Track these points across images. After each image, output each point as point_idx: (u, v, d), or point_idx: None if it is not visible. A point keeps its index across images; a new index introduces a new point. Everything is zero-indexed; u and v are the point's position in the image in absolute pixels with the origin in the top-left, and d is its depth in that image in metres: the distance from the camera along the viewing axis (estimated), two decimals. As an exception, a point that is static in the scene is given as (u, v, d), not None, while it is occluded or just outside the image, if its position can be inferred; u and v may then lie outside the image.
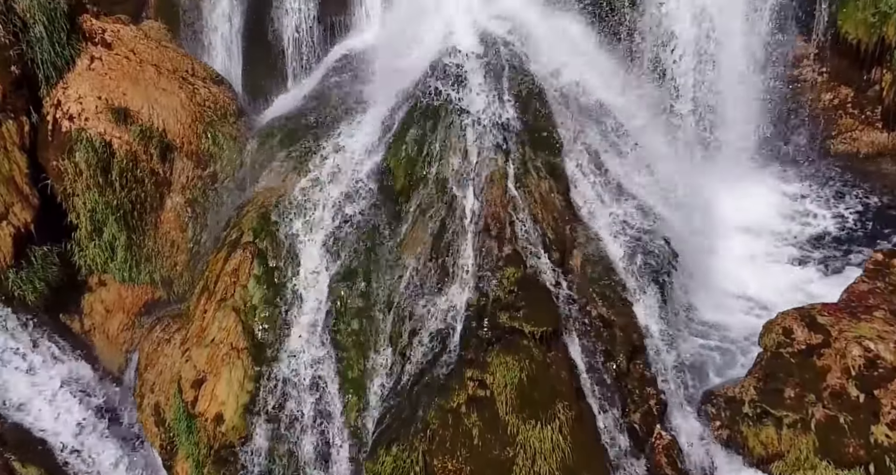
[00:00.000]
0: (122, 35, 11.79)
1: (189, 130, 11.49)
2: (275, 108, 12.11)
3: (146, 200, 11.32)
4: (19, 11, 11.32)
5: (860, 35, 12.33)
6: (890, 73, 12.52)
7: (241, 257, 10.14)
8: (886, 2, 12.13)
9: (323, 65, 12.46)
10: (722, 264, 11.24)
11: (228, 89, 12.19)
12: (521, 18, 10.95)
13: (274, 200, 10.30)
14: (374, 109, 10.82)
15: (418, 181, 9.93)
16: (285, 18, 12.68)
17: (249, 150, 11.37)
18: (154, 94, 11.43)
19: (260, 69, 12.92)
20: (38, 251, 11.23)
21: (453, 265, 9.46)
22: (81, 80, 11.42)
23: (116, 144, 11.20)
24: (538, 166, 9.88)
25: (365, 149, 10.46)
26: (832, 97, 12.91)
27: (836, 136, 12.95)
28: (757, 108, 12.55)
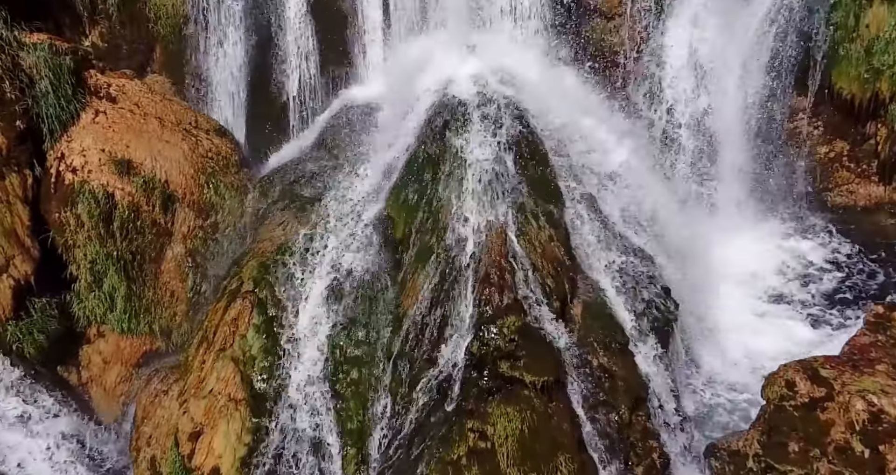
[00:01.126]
0: (126, 89, 11.96)
1: (191, 181, 11.57)
2: (277, 158, 12.23)
3: (147, 251, 11.33)
4: (26, 68, 11.48)
5: (854, 90, 12.55)
6: (885, 127, 12.71)
7: (240, 306, 10.10)
8: (879, 59, 12.38)
9: (324, 116, 12.58)
10: (723, 314, 11.25)
11: (231, 140, 12.31)
12: (521, 70, 11.06)
13: (274, 249, 10.31)
14: (375, 159, 10.92)
15: (418, 229, 9.96)
16: (288, 72, 12.87)
17: (251, 200, 11.44)
18: (157, 146, 11.55)
19: (262, 120, 13.04)
20: (37, 303, 11.17)
21: (453, 314, 9.41)
22: (85, 133, 11.53)
23: (119, 195, 11.25)
24: (537, 215, 9.91)
25: (365, 198, 10.52)
26: (828, 150, 13.07)
27: (834, 189, 13.07)
28: (754, 159, 12.71)
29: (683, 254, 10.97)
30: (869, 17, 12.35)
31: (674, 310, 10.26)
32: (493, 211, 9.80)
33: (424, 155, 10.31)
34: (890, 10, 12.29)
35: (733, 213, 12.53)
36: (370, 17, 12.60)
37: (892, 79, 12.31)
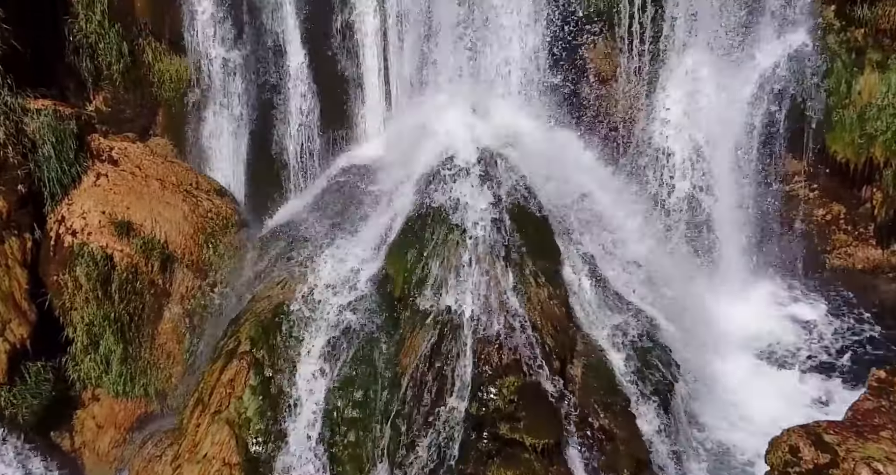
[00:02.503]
0: (129, 152, 12.12)
1: (191, 241, 11.62)
2: (277, 218, 12.22)
3: (144, 312, 11.32)
4: (29, 133, 11.64)
5: (849, 155, 12.68)
6: (880, 192, 12.81)
7: (237, 367, 9.99)
8: (872, 125, 12.53)
9: (324, 176, 12.70)
10: (723, 376, 11.12)
11: (231, 201, 12.43)
12: (520, 133, 11.25)
13: (272, 309, 10.25)
14: (374, 218, 10.95)
15: (417, 288, 9.89)
16: (288, 133, 13.02)
17: (250, 260, 11.46)
18: (157, 208, 11.63)
19: (263, 180, 13.15)
20: (32, 367, 11.09)
21: (452, 373, 9.31)
22: (87, 196, 11.63)
23: (118, 257, 11.29)
24: (536, 273, 9.91)
25: (364, 256, 10.49)
26: (825, 213, 13.11)
27: (832, 251, 13.07)
28: (752, 221, 12.73)
29: (683, 314, 10.89)
30: (861, 85, 12.55)
31: (675, 371, 10.16)
32: (492, 269, 9.78)
33: (423, 214, 10.32)
34: (882, 79, 12.52)
35: (732, 274, 12.49)
36: (370, 79, 12.84)
37: (886, 144, 12.46)
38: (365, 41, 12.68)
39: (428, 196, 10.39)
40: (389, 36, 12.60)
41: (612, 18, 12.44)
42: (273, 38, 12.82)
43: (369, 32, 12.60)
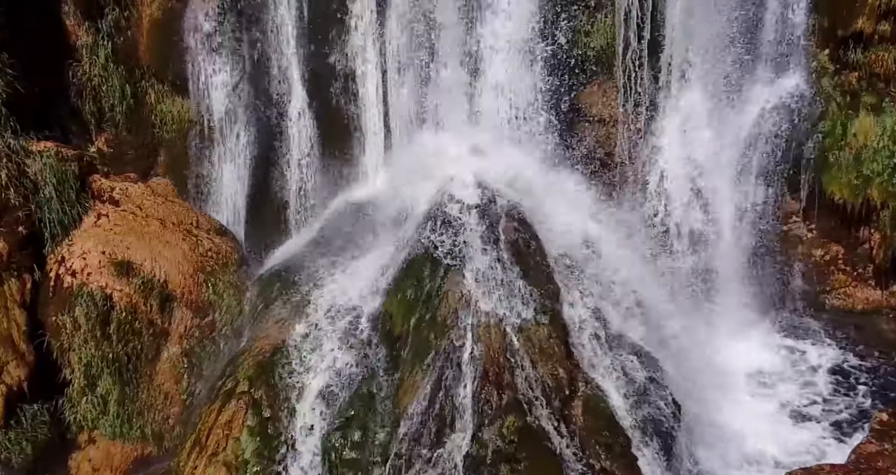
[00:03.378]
0: (130, 192, 12.16)
1: (190, 280, 11.60)
2: (276, 256, 12.27)
3: (142, 352, 11.25)
4: (31, 174, 11.70)
5: (845, 196, 12.67)
6: (878, 233, 12.81)
7: (235, 408, 9.92)
8: (868, 166, 12.59)
9: (324, 214, 12.75)
10: (725, 418, 10.99)
11: (231, 239, 12.42)
12: (519, 171, 11.33)
13: (271, 348, 10.23)
14: (374, 256, 11.01)
15: (416, 326, 9.89)
16: (289, 171, 13.15)
17: (249, 298, 11.45)
18: (158, 247, 11.64)
19: (263, 218, 13.21)
20: (28, 409, 10.99)
21: (451, 413, 9.22)
22: (87, 236, 11.64)
23: (117, 297, 11.26)
24: (537, 312, 9.86)
25: (363, 295, 10.52)
26: (823, 253, 13.10)
27: (831, 292, 13.02)
28: (750, 261, 12.74)
29: (683, 354, 10.89)
30: (856, 127, 12.60)
31: (676, 412, 10.08)
32: (492, 308, 9.78)
33: (423, 252, 10.35)
34: (877, 121, 12.62)
35: (732, 314, 12.46)
36: (370, 119, 12.95)
37: (882, 186, 12.48)
38: (365, 83, 12.80)
39: (427, 234, 10.40)
40: (389, 79, 12.73)
41: (609, 62, 12.54)
42: (275, 80, 12.99)
43: (369, 75, 12.73)
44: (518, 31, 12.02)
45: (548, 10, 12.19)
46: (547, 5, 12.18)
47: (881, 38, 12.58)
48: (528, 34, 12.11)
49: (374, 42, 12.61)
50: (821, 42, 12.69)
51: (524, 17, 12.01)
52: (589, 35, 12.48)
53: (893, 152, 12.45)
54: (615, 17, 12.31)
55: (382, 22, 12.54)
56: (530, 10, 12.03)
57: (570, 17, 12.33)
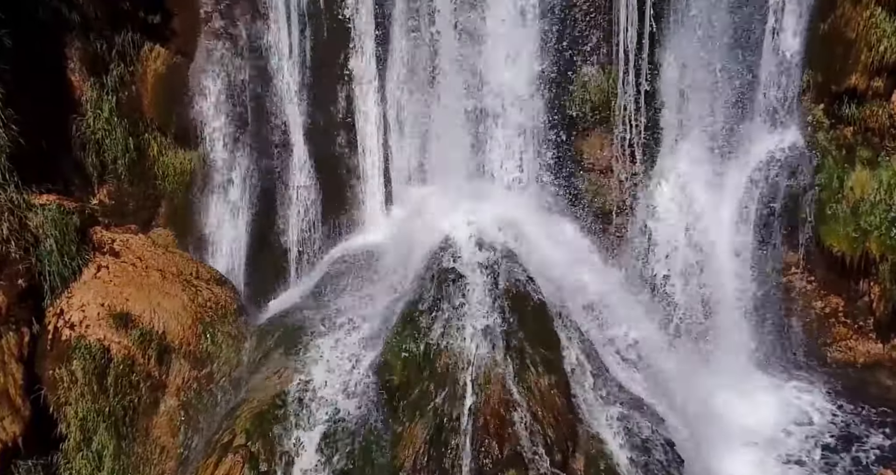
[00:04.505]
0: (130, 243, 12.14)
1: (189, 331, 11.51)
2: (276, 305, 12.29)
3: (139, 405, 11.06)
4: (32, 228, 11.72)
5: (844, 248, 12.71)
6: (878, 286, 12.80)
7: (231, 462, 9.75)
8: (866, 219, 12.64)
9: (324, 263, 12.79)
10: (725, 470, 10.85)
11: (230, 289, 12.35)
12: (518, 222, 11.41)
13: (269, 400, 10.12)
14: (373, 305, 11.00)
15: (416, 376, 9.82)
16: (289, 220, 13.20)
17: (247, 349, 11.37)
18: (157, 298, 11.58)
19: (263, 267, 13.23)
20: (23, 465, 10.79)
21: (451, 466, 9.10)
22: (87, 288, 11.58)
23: (115, 349, 11.15)
24: (536, 362, 9.82)
25: (363, 345, 10.49)
26: (823, 305, 13.10)
27: (832, 345, 13.01)
28: (751, 312, 12.75)
29: (684, 406, 10.79)
30: (853, 181, 12.74)
31: (678, 466, 9.95)
32: (492, 358, 9.73)
33: (423, 302, 10.35)
34: (872, 175, 12.74)
35: (733, 366, 12.40)
36: (370, 169, 13.06)
37: (881, 239, 12.53)
38: (365, 135, 12.94)
39: (427, 284, 10.44)
40: (390, 130, 12.89)
41: (607, 114, 12.71)
42: (276, 131, 13.15)
43: (369, 127, 12.89)
44: (519, 83, 12.19)
45: (548, 66, 12.40)
46: (547, 62, 12.39)
47: (875, 93, 12.78)
48: (528, 89, 12.27)
49: (375, 95, 12.79)
50: (815, 97, 12.92)
51: (524, 72, 12.22)
52: (588, 88, 12.66)
53: (891, 206, 12.57)
54: (613, 72, 12.55)
55: (383, 75, 12.75)
56: (530, 65, 12.22)
57: (569, 71, 12.60)
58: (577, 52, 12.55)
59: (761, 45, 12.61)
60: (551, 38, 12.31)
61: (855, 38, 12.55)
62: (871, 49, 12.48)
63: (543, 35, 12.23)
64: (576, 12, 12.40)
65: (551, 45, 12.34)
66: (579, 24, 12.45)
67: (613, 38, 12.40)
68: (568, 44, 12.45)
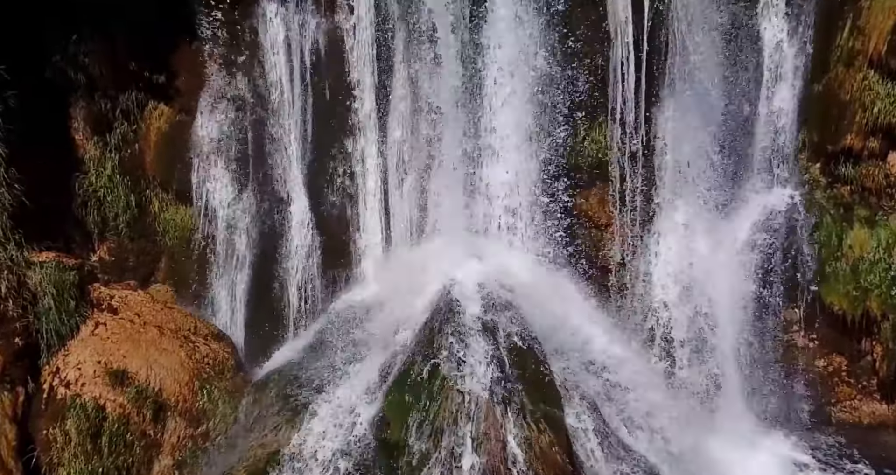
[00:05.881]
0: (128, 300, 12.12)
1: (185, 388, 11.40)
2: (274, 360, 12.17)
3: (133, 465, 10.88)
4: (31, 285, 11.68)
5: (845, 307, 12.65)
6: (880, 346, 12.71)
7: (227, 521, 9.64)
8: (865, 278, 12.60)
9: (323, 318, 12.66)
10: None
11: (228, 344, 12.29)
12: (518, 275, 11.45)
13: (266, 457, 9.95)
14: (372, 360, 10.90)
15: (415, 433, 9.66)
16: (289, 275, 13.11)
17: (244, 405, 11.24)
18: (154, 355, 11.49)
19: (262, 322, 13.09)
20: (13, 529, 10.69)
21: (452, 526, 8.95)
22: (83, 346, 11.48)
23: (110, 408, 11.02)
24: (538, 419, 9.65)
25: (361, 400, 10.35)
26: (826, 364, 12.95)
27: (836, 404, 12.83)
28: (753, 371, 12.56)
29: (687, 466, 10.61)
30: (852, 239, 12.73)
31: (684, 531, 9.80)
32: (492, 414, 9.59)
33: (422, 356, 10.24)
34: (871, 234, 12.76)
35: (736, 426, 12.12)
36: (370, 222, 13.09)
37: (881, 298, 12.47)
38: (366, 188, 13.04)
39: (427, 337, 10.37)
40: (390, 184, 12.98)
41: (604, 169, 12.80)
42: (277, 186, 13.20)
43: (370, 181, 13.00)
44: (518, 141, 12.36)
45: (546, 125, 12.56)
46: (545, 120, 12.55)
47: (870, 154, 12.87)
48: (527, 146, 12.43)
49: (375, 150, 12.93)
50: (812, 156, 13.02)
51: (523, 131, 12.39)
52: (586, 144, 12.78)
53: (890, 265, 12.54)
54: (609, 129, 12.65)
55: (384, 131, 12.91)
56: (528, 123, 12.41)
57: (567, 127, 12.70)
58: (576, 110, 12.70)
59: (757, 103, 12.82)
60: (550, 98, 12.52)
61: (849, 100, 12.70)
62: (865, 110, 12.63)
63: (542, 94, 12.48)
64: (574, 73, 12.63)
65: (549, 104, 12.54)
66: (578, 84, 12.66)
67: (609, 97, 12.54)
68: (566, 102, 12.64)
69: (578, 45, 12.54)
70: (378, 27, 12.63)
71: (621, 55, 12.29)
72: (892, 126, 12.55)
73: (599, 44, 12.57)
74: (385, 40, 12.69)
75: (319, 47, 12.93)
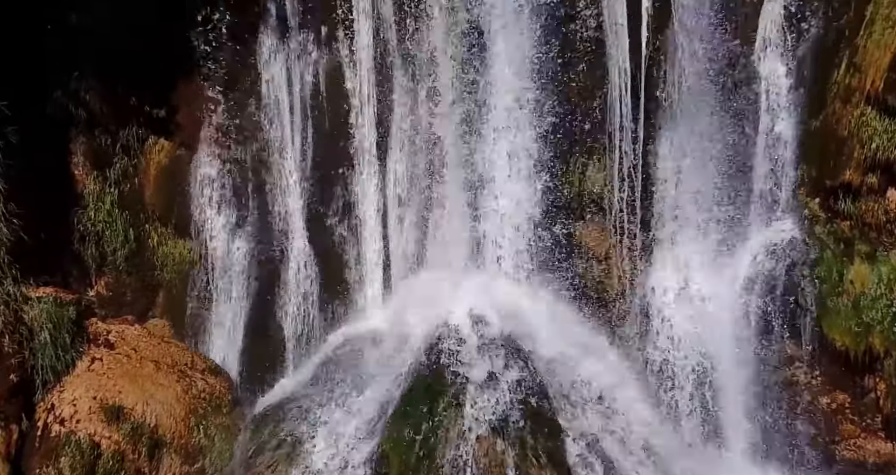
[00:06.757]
0: (126, 335, 12.06)
1: (181, 424, 11.30)
2: (272, 395, 12.09)
3: (127, 503, 10.81)
4: (27, 321, 11.61)
5: (847, 343, 12.49)
6: (883, 383, 12.56)
7: (222, 561, 9.48)
8: (868, 314, 12.48)
9: (322, 351, 12.60)
10: None
11: (225, 379, 12.23)
12: (518, 309, 11.39)
13: (262, 495, 9.85)
14: (371, 393, 10.82)
15: (415, 468, 9.55)
16: (288, 308, 13.08)
17: (241, 441, 11.11)
18: (150, 390, 11.42)
19: (259, 356, 13.02)
20: None
21: None
22: (79, 382, 11.41)
23: (105, 445, 10.91)
24: (538, 453, 9.58)
25: (360, 434, 10.27)
26: (829, 401, 12.75)
27: (840, 443, 12.59)
28: (756, 408, 12.43)
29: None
30: (852, 274, 12.64)
31: None
32: (492, 447, 9.50)
33: (421, 390, 10.20)
34: (872, 269, 12.71)
35: (740, 464, 12.06)
36: (370, 255, 13.05)
37: (883, 335, 12.32)
38: (366, 222, 13.03)
39: (426, 370, 10.32)
40: (389, 215, 13.00)
41: (603, 204, 12.83)
42: (276, 220, 13.23)
43: (370, 214, 12.99)
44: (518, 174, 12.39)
45: (546, 158, 12.62)
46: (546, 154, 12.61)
47: (869, 189, 12.79)
48: (527, 179, 12.44)
49: (375, 184, 12.94)
50: (811, 191, 12.95)
51: (523, 163, 12.43)
52: (585, 178, 12.80)
53: (892, 301, 12.40)
54: (609, 163, 12.69)
55: (384, 164, 12.95)
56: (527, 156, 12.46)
57: (567, 162, 12.77)
58: (575, 144, 12.78)
59: (755, 139, 12.83)
60: (549, 132, 12.60)
61: (847, 135, 12.69)
62: (863, 146, 12.58)
63: (540, 128, 12.55)
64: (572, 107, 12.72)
65: (549, 138, 12.61)
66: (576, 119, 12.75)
67: (608, 132, 12.62)
68: (565, 137, 12.72)
69: (577, 78, 12.65)
70: (378, 61, 12.75)
71: (619, 90, 12.38)
72: (890, 162, 12.54)
73: (598, 79, 12.65)
74: (385, 74, 12.82)
75: (319, 81, 13.05)
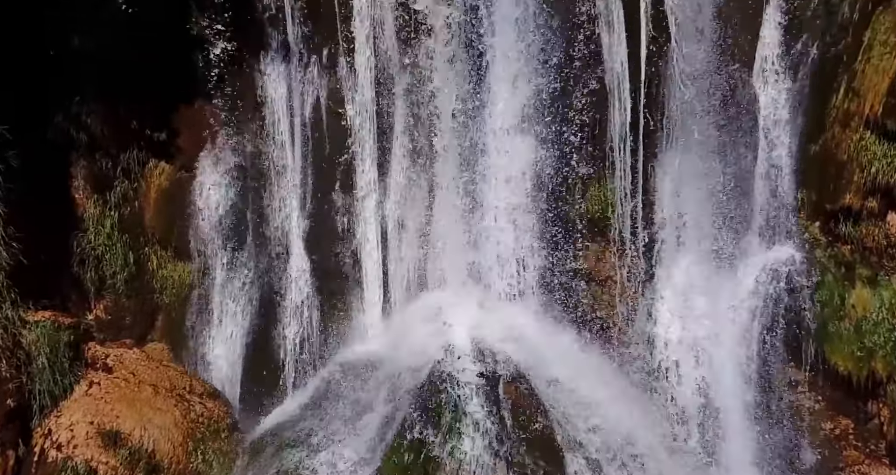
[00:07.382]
0: (124, 358, 11.99)
1: (179, 449, 11.19)
2: (271, 419, 12.00)
3: (124, 529, 10.68)
4: (25, 345, 11.54)
5: (850, 368, 12.49)
6: (887, 408, 12.47)
7: None
8: (870, 338, 12.45)
9: (321, 374, 12.53)
10: None
11: (224, 403, 12.16)
12: (518, 331, 11.39)
13: (260, 522, 9.75)
14: (370, 417, 10.74)
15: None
16: (287, 331, 13.04)
17: (239, 466, 11.03)
18: (148, 414, 11.33)
19: (259, 380, 12.97)
20: None
21: None
22: (77, 406, 11.31)
23: (102, 470, 10.79)
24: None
25: (359, 460, 10.17)
26: (832, 426, 12.71)
27: (844, 469, 12.51)
28: (759, 432, 12.39)
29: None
30: (854, 299, 12.65)
31: None
32: (493, 471, 9.46)
33: (422, 414, 10.14)
34: (873, 293, 12.67)
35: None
36: (370, 278, 13.03)
37: (886, 359, 12.31)
38: (366, 244, 13.03)
39: (426, 394, 10.27)
40: (389, 238, 13.02)
41: (604, 226, 12.88)
42: (276, 242, 13.23)
43: (370, 236, 13.00)
44: (517, 196, 12.43)
45: (546, 180, 12.66)
46: (545, 176, 12.66)
47: (870, 213, 12.82)
48: (526, 201, 12.49)
49: (375, 205, 12.98)
50: (811, 215, 13.00)
51: (522, 185, 12.47)
52: (586, 201, 12.85)
53: (894, 326, 12.38)
54: (610, 186, 12.76)
55: (384, 186, 13.00)
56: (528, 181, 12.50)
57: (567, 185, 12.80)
58: (575, 167, 12.80)
59: (755, 162, 12.89)
60: (548, 153, 12.65)
61: (846, 160, 12.73)
62: (863, 170, 12.62)
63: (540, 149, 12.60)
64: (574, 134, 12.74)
65: (549, 159, 12.65)
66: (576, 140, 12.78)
67: (609, 154, 12.71)
68: (565, 157, 12.75)
69: (578, 105, 12.68)
70: (378, 86, 12.83)
71: (619, 115, 12.49)
72: (890, 186, 12.57)
73: (598, 105, 12.71)
74: (385, 98, 12.87)
75: (320, 104, 13.08)
